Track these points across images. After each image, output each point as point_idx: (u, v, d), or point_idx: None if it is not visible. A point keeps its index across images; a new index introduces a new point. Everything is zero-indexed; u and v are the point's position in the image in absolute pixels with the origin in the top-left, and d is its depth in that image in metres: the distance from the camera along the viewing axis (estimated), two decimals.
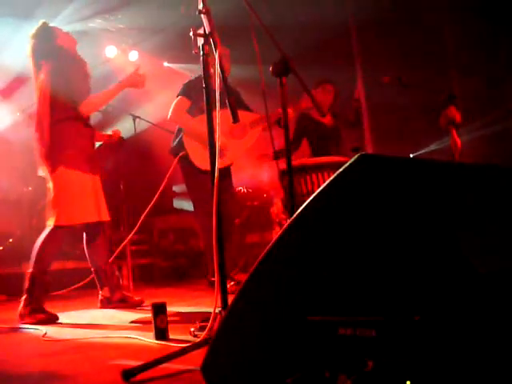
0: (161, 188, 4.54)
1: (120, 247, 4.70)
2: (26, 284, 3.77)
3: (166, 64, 8.63)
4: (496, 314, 1.14)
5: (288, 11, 6.98)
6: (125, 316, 3.73)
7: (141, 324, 3.26)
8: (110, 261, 4.21)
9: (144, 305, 4.15)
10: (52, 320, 3.63)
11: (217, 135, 2.37)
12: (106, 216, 4.07)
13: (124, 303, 4.14)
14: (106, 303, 4.16)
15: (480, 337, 1.15)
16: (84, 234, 4.13)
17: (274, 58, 2.61)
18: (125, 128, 7.06)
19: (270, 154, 4.49)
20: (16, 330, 3.47)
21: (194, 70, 6.97)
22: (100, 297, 4.20)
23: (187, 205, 7.62)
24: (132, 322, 3.42)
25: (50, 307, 3.79)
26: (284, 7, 6.94)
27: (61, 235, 3.89)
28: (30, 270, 3.79)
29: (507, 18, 6.20)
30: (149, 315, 2.76)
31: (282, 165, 3.16)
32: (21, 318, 3.69)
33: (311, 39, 6.97)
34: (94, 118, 5.40)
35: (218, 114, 2.35)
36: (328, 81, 5.33)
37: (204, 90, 2.46)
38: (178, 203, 8.08)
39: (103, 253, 4.16)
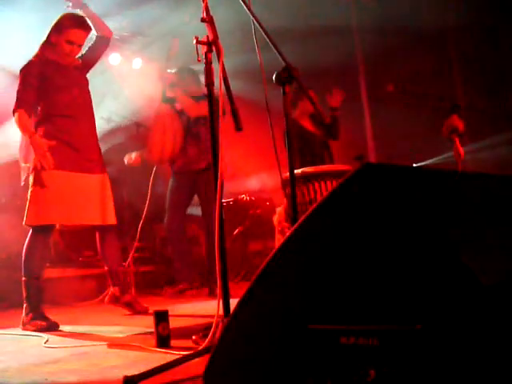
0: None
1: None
2: (23, 292, 3.76)
3: (169, 71, 8.63)
4: (499, 325, 1.14)
5: (290, 16, 6.97)
6: (127, 323, 3.73)
7: (143, 331, 3.25)
8: (126, 265, 4.23)
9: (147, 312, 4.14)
10: (52, 327, 3.62)
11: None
12: (98, 219, 3.95)
13: (129, 307, 4.13)
14: (114, 301, 4.15)
15: (483, 347, 1.14)
16: (97, 235, 4.11)
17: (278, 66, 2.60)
18: (128, 135, 7.10)
19: None
20: (18, 337, 3.47)
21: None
22: (110, 292, 4.19)
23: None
24: (134, 329, 3.41)
25: (52, 315, 3.78)
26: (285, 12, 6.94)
27: (43, 237, 3.80)
28: (23, 278, 3.78)
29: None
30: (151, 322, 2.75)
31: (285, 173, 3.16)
32: (23, 325, 3.70)
33: (313, 46, 6.98)
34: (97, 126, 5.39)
35: (220, 121, 2.37)
36: (308, 87, 5.30)
37: (208, 98, 2.47)
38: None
39: (115, 254, 4.11)
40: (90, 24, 4.01)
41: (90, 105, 4.09)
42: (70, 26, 3.87)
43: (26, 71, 3.84)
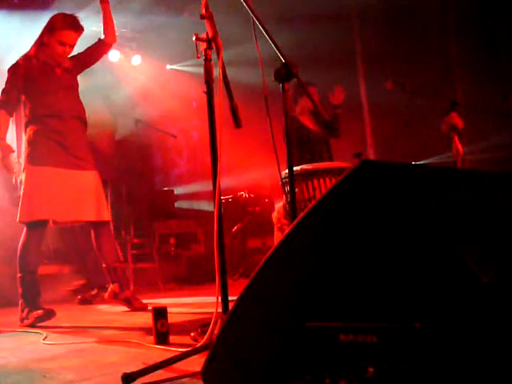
0: None
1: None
2: (19, 289, 3.77)
3: (168, 67, 8.64)
4: (498, 322, 1.14)
5: (288, 8, 6.94)
6: (126, 320, 3.73)
7: (141, 328, 3.25)
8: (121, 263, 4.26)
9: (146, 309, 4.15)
10: (49, 315, 3.62)
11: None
12: (93, 215, 3.97)
13: (128, 304, 4.14)
14: (113, 297, 4.16)
15: (482, 345, 1.14)
16: (92, 232, 4.11)
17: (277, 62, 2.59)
18: (127, 131, 7.10)
19: None
20: (16, 333, 3.47)
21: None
22: (109, 289, 4.20)
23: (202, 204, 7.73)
24: (133, 325, 3.42)
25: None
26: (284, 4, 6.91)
27: (37, 233, 3.82)
28: (18, 274, 3.79)
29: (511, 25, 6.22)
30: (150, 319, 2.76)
31: (284, 170, 3.15)
32: (20, 321, 3.71)
33: (312, 41, 6.96)
34: (95, 120, 5.44)
35: (220, 119, 2.37)
36: (311, 83, 5.28)
37: (206, 94, 2.46)
38: (188, 204, 8.17)
39: (111, 251, 4.13)
40: (101, 22, 4.07)
41: (78, 106, 4.07)
42: (61, 27, 3.89)
43: (13, 71, 3.88)
